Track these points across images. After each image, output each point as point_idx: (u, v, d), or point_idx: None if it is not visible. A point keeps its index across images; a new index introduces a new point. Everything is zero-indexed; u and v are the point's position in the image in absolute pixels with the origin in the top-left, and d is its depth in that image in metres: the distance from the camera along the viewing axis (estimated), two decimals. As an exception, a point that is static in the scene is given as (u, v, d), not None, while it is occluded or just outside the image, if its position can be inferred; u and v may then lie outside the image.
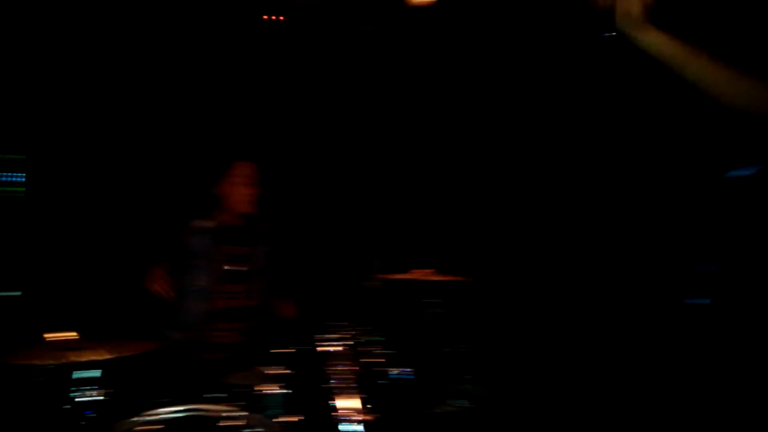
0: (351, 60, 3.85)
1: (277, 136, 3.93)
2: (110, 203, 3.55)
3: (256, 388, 2.25)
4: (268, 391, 2.28)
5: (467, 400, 2.29)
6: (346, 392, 1.98)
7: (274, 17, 3.67)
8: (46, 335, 1.89)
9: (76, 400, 1.98)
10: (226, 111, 3.80)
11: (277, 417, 2.21)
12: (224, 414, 1.92)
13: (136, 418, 1.84)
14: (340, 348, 2.03)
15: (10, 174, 3.30)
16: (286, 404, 2.16)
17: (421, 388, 2.36)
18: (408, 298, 2.42)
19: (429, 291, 2.37)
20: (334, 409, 1.98)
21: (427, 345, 2.56)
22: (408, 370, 2.12)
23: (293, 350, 2.08)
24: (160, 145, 3.69)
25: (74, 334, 1.94)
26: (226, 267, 2.84)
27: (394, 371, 2.03)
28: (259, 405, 2.23)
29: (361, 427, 2.10)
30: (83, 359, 1.85)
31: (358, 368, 2.02)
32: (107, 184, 3.56)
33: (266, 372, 2.50)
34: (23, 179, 3.33)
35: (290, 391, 2.10)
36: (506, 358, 3.21)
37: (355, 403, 1.97)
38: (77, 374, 2.23)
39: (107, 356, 1.84)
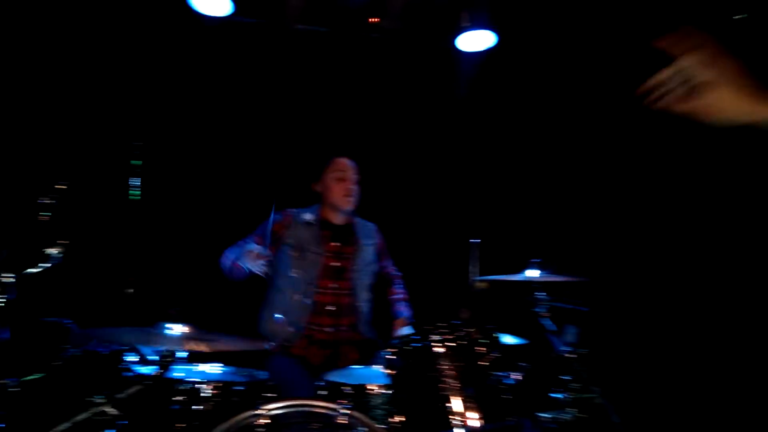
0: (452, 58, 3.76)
1: (382, 132, 3.93)
2: (213, 199, 3.68)
3: (359, 387, 2.24)
4: (372, 390, 2.27)
5: (578, 407, 2.12)
6: (454, 394, 1.89)
7: (373, 19, 3.69)
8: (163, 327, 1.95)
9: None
10: (327, 107, 3.83)
11: (381, 417, 2.19)
12: (328, 411, 1.89)
13: (251, 411, 1.85)
14: (447, 348, 1.94)
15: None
16: (390, 404, 2.12)
17: (531, 392, 2.22)
18: (521, 300, 2.29)
19: (547, 292, 2.23)
20: (440, 410, 1.90)
21: (539, 348, 2.42)
22: (517, 373, 1.98)
23: (397, 349, 2.01)
24: (261, 142, 3.78)
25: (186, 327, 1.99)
26: (329, 262, 2.84)
27: (504, 374, 1.90)
28: (362, 404, 2.23)
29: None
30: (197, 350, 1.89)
31: (466, 369, 1.92)
32: (210, 181, 3.70)
33: (371, 370, 2.50)
34: (139, 183, 3.55)
35: (395, 391, 2.04)
36: (624, 362, 2.97)
37: (463, 405, 1.88)
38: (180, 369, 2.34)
39: (218, 349, 1.86)
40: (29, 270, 2.11)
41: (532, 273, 2.41)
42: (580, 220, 3.51)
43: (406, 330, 2.80)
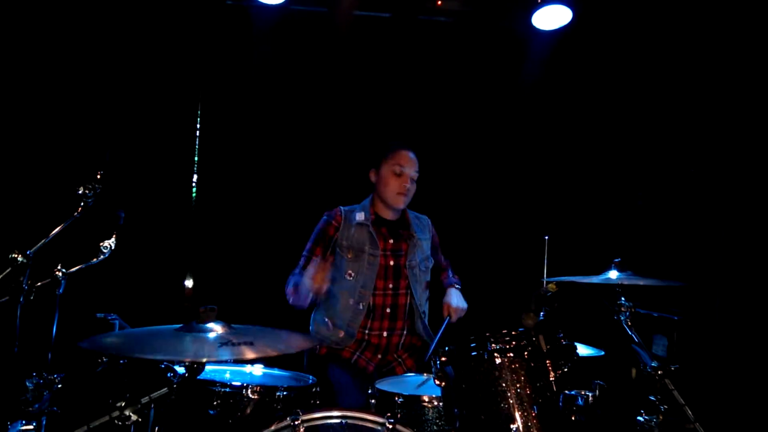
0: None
1: (447, 121, 3.72)
2: (271, 194, 3.60)
3: (412, 398, 2.04)
4: (426, 402, 2.06)
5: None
6: (516, 413, 1.64)
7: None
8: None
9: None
10: (391, 95, 3.66)
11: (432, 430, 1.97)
12: (372, 424, 1.69)
13: (287, 422, 1.69)
14: (509, 359, 1.68)
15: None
16: (443, 418, 1.90)
17: (609, 414, 1.92)
18: (600, 306, 1.99)
19: (631, 297, 1.92)
20: (500, 430, 1.65)
21: (619, 362, 2.11)
22: (592, 391, 1.70)
23: (452, 354, 1.78)
24: (322, 132, 3.66)
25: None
26: (385, 262, 2.65)
27: (575, 392, 1.63)
28: (414, 416, 2.02)
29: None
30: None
31: (530, 384, 1.66)
32: (268, 174, 3.62)
33: (423, 379, 2.29)
34: (195, 180, 3.54)
35: (448, 404, 1.81)
36: (723, 380, 2.57)
37: (526, 427, 1.62)
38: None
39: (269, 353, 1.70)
40: (81, 265, 2.07)
41: (613, 274, 2.09)
42: (671, 216, 3.10)
43: (454, 300, 2.60)
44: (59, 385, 2.05)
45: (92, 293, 2.72)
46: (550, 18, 3.14)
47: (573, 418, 1.60)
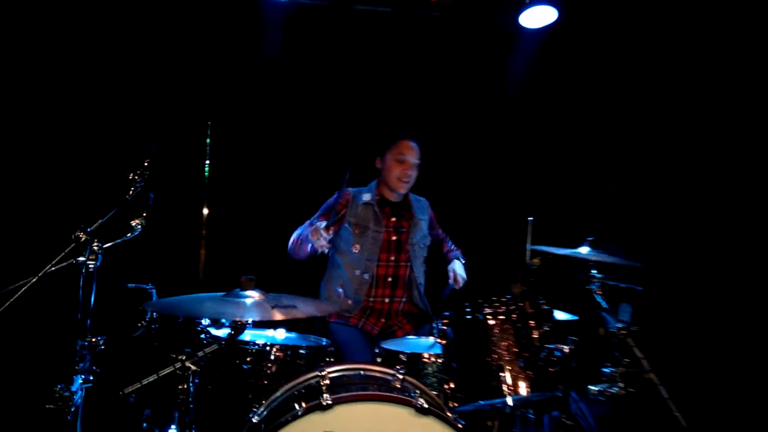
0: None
1: (442, 109, 4.01)
2: (284, 174, 3.89)
3: (414, 355, 2.39)
4: (426, 359, 2.42)
5: (627, 382, 2.17)
6: (504, 364, 2.00)
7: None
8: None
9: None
10: (388, 85, 3.94)
11: (433, 383, 2.33)
12: (385, 375, 2.04)
13: (314, 373, 2.02)
14: (499, 320, 2.04)
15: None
16: (442, 372, 2.26)
17: (581, 366, 2.31)
18: (575, 277, 2.35)
19: (601, 270, 2.27)
20: (491, 379, 2.01)
21: (591, 324, 2.49)
22: (566, 346, 2.05)
23: (451, 318, 2.13)
24: (327, 119, 3.95)
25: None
26: (388, 237, 2.98)
27: (553, 346, 1.98)
28: (416, 371, 2.37)
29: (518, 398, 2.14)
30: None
31: (516, 341, 2.02)
32: (281, 156, 3.89)
33: (425, 340, 2.65)
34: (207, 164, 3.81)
35: (446, 360, 2.17)
36: (678, 342, 2.99)
37: (513, 375, 1.99)
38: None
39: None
40: (116, 240, 2.35)
41: (587, 250, 2.45)
42: (639, 200, 3.49)
43: (458, 268, 2.97)
44: (102, 347, 2.35)
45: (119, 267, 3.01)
46: (537, 17, 3.44)
47: (552, 369, 1.96)
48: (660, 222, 3.31)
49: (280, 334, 2.56)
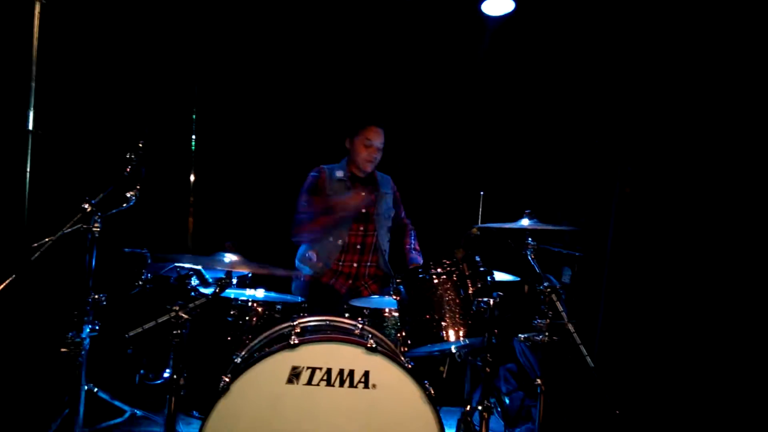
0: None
1: (406, 93, 4.40)
2: (267, 146, 4.32)
3: (376, 311, 2.84)
4: (385, 313, 2.87)
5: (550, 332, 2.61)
6: (447, 315, 2.46)
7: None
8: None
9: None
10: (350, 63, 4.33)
11: (390, 332, 2.79)
12: (349, 325, 2.49)
13: (288, 323, 2.46)
14: (443, 279, 2.49)
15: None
16: (399, 324, 2.70)
17: (514, 318, 2.78)
18: (514, 245, 2.77)
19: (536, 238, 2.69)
20: (436, 327, 2.47)
21: (528, 285, 2.96)
22: (494, 297, 2.47)
23: (405, 277, 2.58)
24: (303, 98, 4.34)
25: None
26: (357, 210, 3.40)
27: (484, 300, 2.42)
28: (377, 323, 2.82)
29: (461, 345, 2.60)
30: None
31: (457, 296, 2.47)
32: (264, 131, 4.32)
33: (387, 299, 3.10)
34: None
35: (401, 313, 2.61)
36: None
37: (454, 325, 2.45)
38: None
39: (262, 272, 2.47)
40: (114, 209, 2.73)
41: (526, 222, 2.88)
42: (577, 176, 3.96)
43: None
44: (104, 303, 2.76)
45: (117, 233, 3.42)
46: (497, 6, 3.83)
47: (485, 318, 2.41)
48: (594, 194, 3.79)
49: (260, 293, 3.00)
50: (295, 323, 2.41)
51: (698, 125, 3.46)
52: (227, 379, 2.13)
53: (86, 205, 2.48)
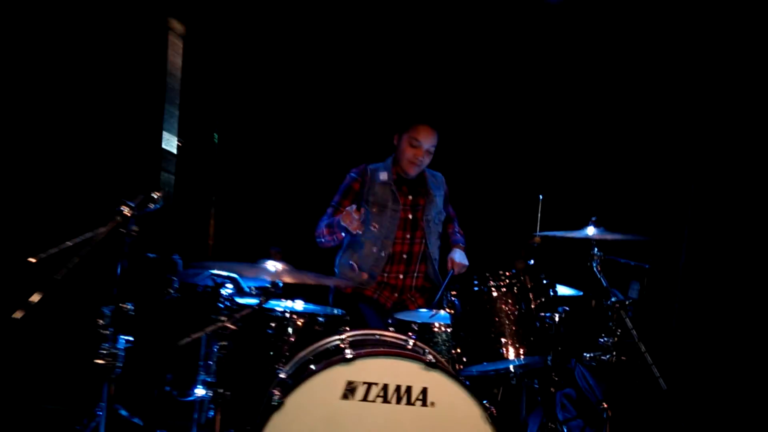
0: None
1: (460, 91, 4.43)
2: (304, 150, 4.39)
3: (424, 325, 2.90)
4: (436, 328, 2.93)
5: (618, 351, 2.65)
6: (506, 331, 2.52)
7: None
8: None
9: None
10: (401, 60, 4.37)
11: (442, 349, 2.86)
12: (399, 340, 2.56)
13: (335, 336, 2.53)
14: (502, 292, 2.55)
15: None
16: (451, 338, 2.77)
17: (579, 336, 2.83)
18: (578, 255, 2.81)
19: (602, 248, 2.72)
20: (493, 344, 2.53)
21: (594, 299, 3.01)
22: (559, 314, 2.54)
23: (460, 290, 2.64)
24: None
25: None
26: (404, 215, 3.42)
27: (548, 315, 2.48)
28: (427, 339, 2.89)
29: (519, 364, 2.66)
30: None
31: (518, 311, 2.53)
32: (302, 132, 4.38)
33: (432, 313, 3.16)
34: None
35: (455, 328, 2.68)
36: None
37: (514, 341, 2.51)
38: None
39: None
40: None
41: (590, 230, 2.92)
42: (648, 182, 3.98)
43: (458, 256, 3.44)
44: (132, 312, 2.88)
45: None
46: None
47: (549, 335, 2.47)
48: (666, 202, 3.80)
49: (299, 305, 3.09)
50: (343, 336, 2.49)
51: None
52: (278, 393, 2.22)
53: (123, 207, 2.60)
